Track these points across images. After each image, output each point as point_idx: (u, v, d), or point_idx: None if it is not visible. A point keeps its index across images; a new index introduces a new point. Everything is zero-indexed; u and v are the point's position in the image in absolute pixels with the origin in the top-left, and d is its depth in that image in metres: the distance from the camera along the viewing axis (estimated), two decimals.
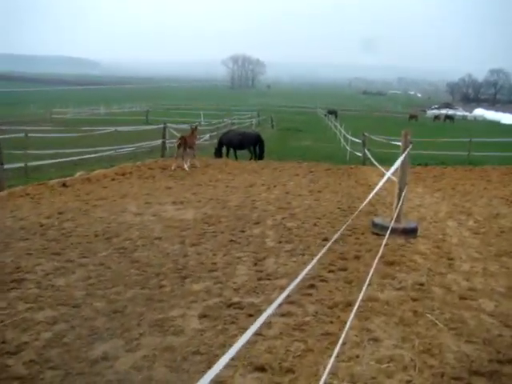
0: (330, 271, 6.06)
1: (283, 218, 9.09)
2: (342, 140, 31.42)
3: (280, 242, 7.43)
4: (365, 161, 19.08)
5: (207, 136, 26.07)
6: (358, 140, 22.49)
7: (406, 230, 7.82)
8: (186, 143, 16.23)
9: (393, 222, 7.24)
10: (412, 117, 72.79)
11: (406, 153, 7.75)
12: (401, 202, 7.81)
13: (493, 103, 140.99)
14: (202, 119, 48.07)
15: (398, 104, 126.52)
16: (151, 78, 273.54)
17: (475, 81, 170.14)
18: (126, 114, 66.61)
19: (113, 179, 14.13)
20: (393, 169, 6.75)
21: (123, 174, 14.93)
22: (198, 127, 19.28)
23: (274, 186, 13.28)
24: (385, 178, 6.06)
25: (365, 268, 5.96)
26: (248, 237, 7.70)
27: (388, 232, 6.28)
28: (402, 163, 7.82)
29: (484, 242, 8.02)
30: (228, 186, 13.25)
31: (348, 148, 25.27)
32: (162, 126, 19.62)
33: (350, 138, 26.15)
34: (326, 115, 63.76)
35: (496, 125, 75.32)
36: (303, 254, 6.77)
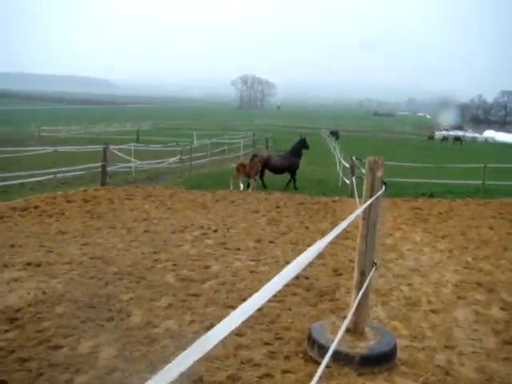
0: None
1: (166, 308, 5.22)
2: (337, 164, 27.56)
3: None
4: (353, 191, 15.18)
5: (176, 158, 22.24)
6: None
7: (372, 358, 3.88)
8: (244, 171, 15.52)
9: (339, 338, 3.33)
10: (430, 137, 70.68)
11: (371, 201, 3.87)
12: (359, 297, 3.90)
13: (503, 125, 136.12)
14: (195, 139, 44.64)
15: (407, 125, 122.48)
16: (163, 98, 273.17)
17: (485, 102, 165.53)
18: (120, 132, 64.25)
19: (1, 217, 10.38)
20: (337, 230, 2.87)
21: (24, 209, 11.20)
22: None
23: (214, 231, 9.47)
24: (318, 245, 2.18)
25: None
26: (46, 369, 3.82)
27: (322, 366, 2.36)
28: (365, 224, 3.95)
29: None
30: (148, 230, 9.44)
31: (340, 173, 21.43)
32: (105, 146, 15.75)
33: (342, 161, 22.29)
34: (328, 136, 59.98)
35: (508, 146, 70.97)
36: None
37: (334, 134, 57.54)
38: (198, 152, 27.26)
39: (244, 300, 4.24)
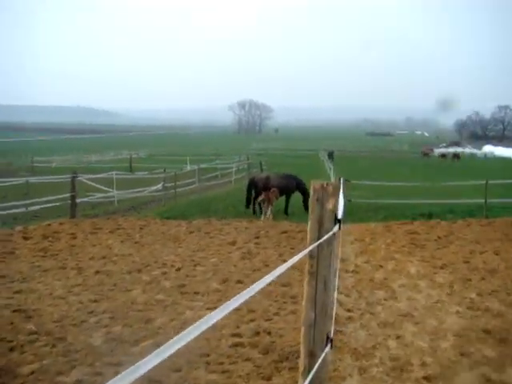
0: None
1: None
2: None
3: None
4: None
5: (159, 185, 20.98)
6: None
7: None
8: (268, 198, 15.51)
9: None
10: (425, 154, 69.77)
11: (316, 244, 2.60)
12: None
13: (501, 139, 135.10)
14: (188, 165, 43.67)
15: (404, 143, 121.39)
16: (162, 126, 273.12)
17: (482, 118, 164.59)
18: (115, 161, 63.27)
19: None
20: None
21: None
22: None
23: (177, 270, 8.21)
24: None
25: None
26: None
27: None
28: (311, 280, 2.69)
29: None
30: (101, 270, 8.18)
31: None
32: (72, 176, 14.51)
33: None
34: (326, 158, 58.85)
35: (508, 161, 69.70)
36: None
37: (330, 154, 56.56)
38: (187, 178, 26.10)
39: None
